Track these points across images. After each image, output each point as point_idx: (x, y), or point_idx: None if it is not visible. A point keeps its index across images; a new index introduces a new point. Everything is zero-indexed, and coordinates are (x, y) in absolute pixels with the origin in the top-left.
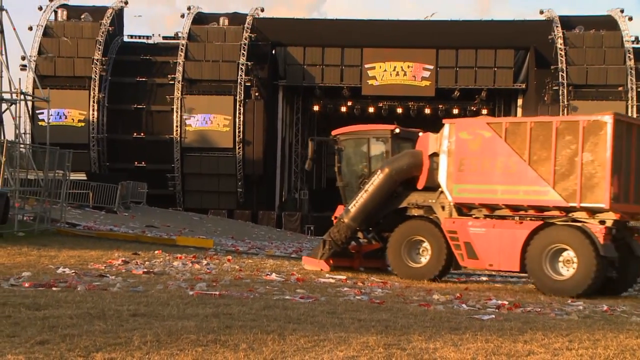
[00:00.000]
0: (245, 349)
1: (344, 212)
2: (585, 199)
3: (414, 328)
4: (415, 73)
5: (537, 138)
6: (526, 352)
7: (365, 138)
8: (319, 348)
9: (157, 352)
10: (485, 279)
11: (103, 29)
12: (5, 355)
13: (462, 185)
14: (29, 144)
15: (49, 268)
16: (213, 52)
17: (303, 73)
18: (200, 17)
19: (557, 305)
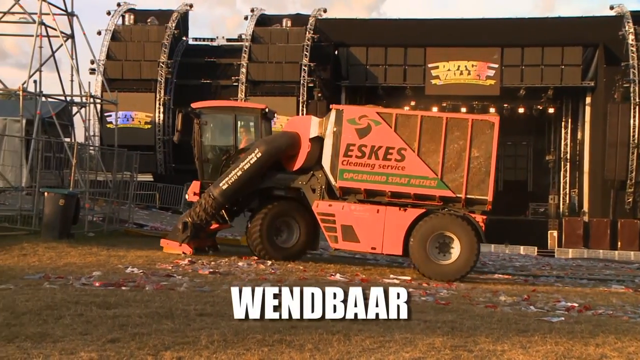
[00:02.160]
0: (311, 349)
1: (212, 189)
2: (472, 192)
3: (481, 330)
4: (479, 72)
5: (427, 131)
6: (598, 355)
7: (232, 115)
8: (384, 349)
9: (224, 351)
10: (553, 280)
11: (169, 32)
12: (79, 353)
13: (348, 170)
14: (98, 146)
15: (118, 268)
16: (276, 54)
17: (366, 73)
18: (264, 19)
19: (630, 308)
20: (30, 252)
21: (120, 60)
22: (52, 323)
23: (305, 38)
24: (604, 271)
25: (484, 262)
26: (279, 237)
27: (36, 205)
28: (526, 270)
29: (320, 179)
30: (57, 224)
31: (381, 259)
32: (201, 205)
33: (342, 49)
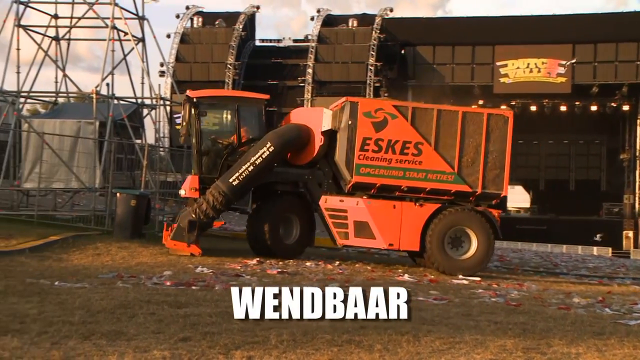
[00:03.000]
0: (380, 350)
1: (221, 185)
2: (488, 187)
3: (554, 332)
4: (550, 69)
5: (444, 125)
6: None
7: (234, 105)
8: (454, 350)
9: (294, 351)
10: (629, 282)
11: (236, 34)
12: (152, 351)
13: (364, 165)
14: (168, 147)
15: (188, 267)
16: (342, 54)
17: (433, 72)
18: (330, 19)
19: None
20: (104, 252)
21: (189, 63)
22: (125, 321)
23: (372, 38)
24: None
25: (556, 264)
26: (285, 232)
27: (109, 205)
28: (600, 272)
29: (327, 172)
30: (129, 224)
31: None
32: (208, 202)
33: (409, 48)
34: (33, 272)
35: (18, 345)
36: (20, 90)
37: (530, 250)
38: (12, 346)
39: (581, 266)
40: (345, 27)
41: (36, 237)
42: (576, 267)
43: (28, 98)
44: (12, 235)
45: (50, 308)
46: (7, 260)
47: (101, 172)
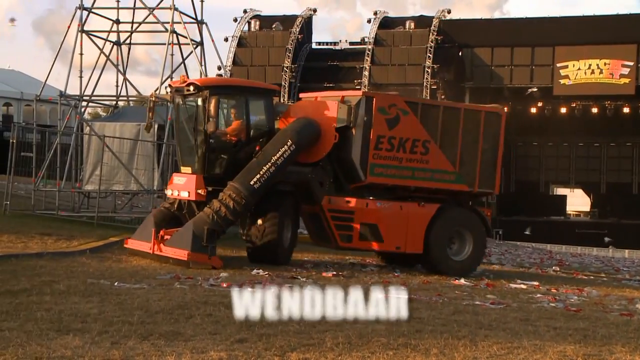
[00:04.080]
0: (436, 354)
1: (241, 188)
2: (483, 185)
3: (616, 338)
4: (612, 70)
5: (446, 123)
6: None
7: (243, 96)
8: (512, 355)
9: (349, 354)
10: None
11: (292, 37)
12: (209, 352)
13: (378, 164)
14: None
15: (244, 269)
16: (399, 56)
17: (491, 74)
18: (387, 22)
19: None
20: None
21: (245, 66)
22: (183, 322)
23: (429, 40)
24: None
25: (618, 268)
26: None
27: None
28: None
29: (329, 171)
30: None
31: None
32: (228, 207)
33: (467, 50)
34: (94, 272)
35: (79, 344)
36: (83, 94)
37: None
38: (74, 345)
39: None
40: (402, 29)
41: (96, 239)
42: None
43: (90, 102)
44: (73, 236)
45: (110, 308)
46: (68, 261)
47: (159, 175)
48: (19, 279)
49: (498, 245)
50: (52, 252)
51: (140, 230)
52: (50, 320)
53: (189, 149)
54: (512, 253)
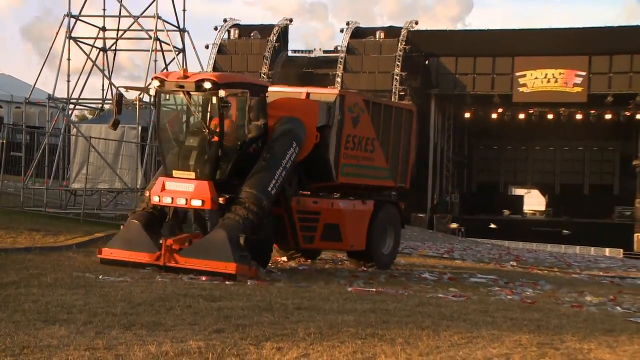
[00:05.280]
0: (402, 344)
1: (261, 195)
2: (401, 181)
3: (567, 329)
4: (567, 80)
5: (384, 121)
6: None
7: (247, 93)
8: (472, 345)
9: (321, 343)
10: (639, 282)
11: (270, 45)
12: (188, 342)
13: (347, 163)
14: None
15: None
16: (370, 64)
17: (455, 82)
18: (359, 32)
19: None
20: None
21: (225, 72)
22: (164, 313)
23: (398, 49)
24: None
25: (569, 264)
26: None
27: None
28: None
29: (296, 171)
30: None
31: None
32: (255, 214)
33: (433, 59)
34: (79, 266)
35: (65, 334)
36: (70, 98)
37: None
38: (60, 335)
39: (594, 266)
40: (373, 39)
41: (83, 234)
42: (589, 266)
43: (77, 105)
44: (60, 232)
45: (94, 300)
46: (56, 255)
47: (143, 174)
48: (8, 272)
49: (461, 242)
50: (40, 247)
51: (124, 239)
52: (38, 311)
53: (188, 152)
54: (473, 249)
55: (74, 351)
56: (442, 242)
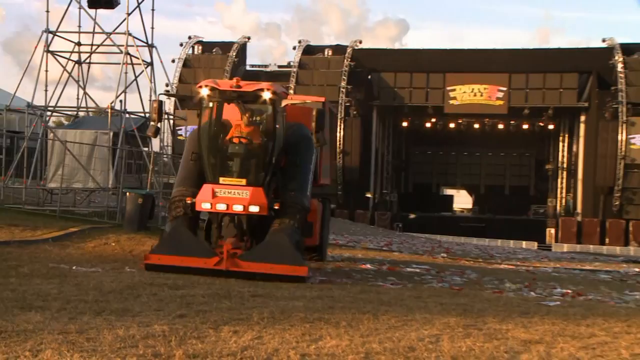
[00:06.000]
0: (345, 326)
1: (303, 200)
2: (324, 178)
3: (489, 311)
4: (490, 94)
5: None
6: (588, 334)
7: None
8: (407, 327)
9: (273, 326)
10: (550, 270)
11: (230, 60)
12: (153, 325)
13: (323, 165)
14: (171, 154)
15: None
16: (319, 78)
17: (394, 95)
18: (309, 49)
19: (616, 295)
20: (115, 241)
21: (189, 84)
22: (132, 300)
23: (344, 65)
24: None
25: (492, 255)
26: None
27: (119, 203)
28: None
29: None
30: (136, 218)
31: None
32: (302, 217)
33: (375, 74)
34: (55, 258)
35: (40, 320)
36: (47, 105)
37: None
38: (35, 320)
39: (512, 257)
40: (322, 55)
41: (58, 229)
42: (508, 257)
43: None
44: (37, 227)
45: (68, 288)
46: (32, 248)
47: (114, 175)
48: None
49: (398, 237)
50: (18, 240)
51: (173, 244)
52: (15, 299)
53: (238, 159)
54: (409, 242)
55: (48, 335)
56: (382, 236)
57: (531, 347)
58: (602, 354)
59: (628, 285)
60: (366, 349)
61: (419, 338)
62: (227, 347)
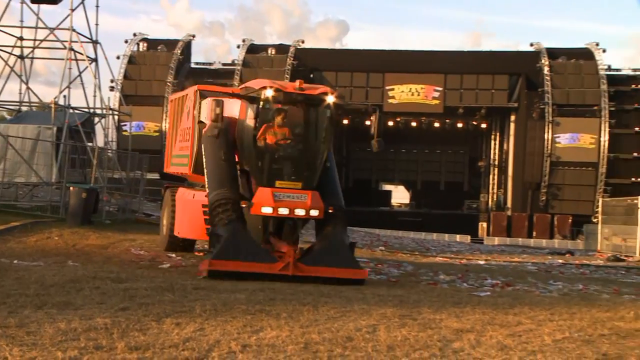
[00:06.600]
0: (285, 317)
1: (342, 201)
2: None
3: (424, 302)
4: (427, 93)
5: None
6: (516, 322)
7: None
8: (345, 317)
9: (215, 318)
10: (482, 262)
11: (175, 57)
12: (95, 318)
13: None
14: (115, 150)
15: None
16: (262, 76)
17: None
18: (253, 48)
19: (541, 285)
20: (58, 236)
21: (134, 80)
22: (74, 294)
23: (287, 64)
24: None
25: (428, 248)
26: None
27: (63, 197)
28: (461, 254)
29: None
30: (80, 213)
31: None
32: (346, 221)
33: (317, 73)
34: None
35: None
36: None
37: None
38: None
39: (447, 250)
40: (265, 54)
41: (0, 223)
42: (443, 250)
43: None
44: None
45: (8, 282)
46: None
47: (57, 169)
48: None
49: None
50: None
51: (235, 249)
52: None
53: (295, 162)
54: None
55: None
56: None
57: (463, 336)
58: (527, 340)
59: (552, 275)
60: (306, 339)
61: (356, 328)
62: (170, 338)
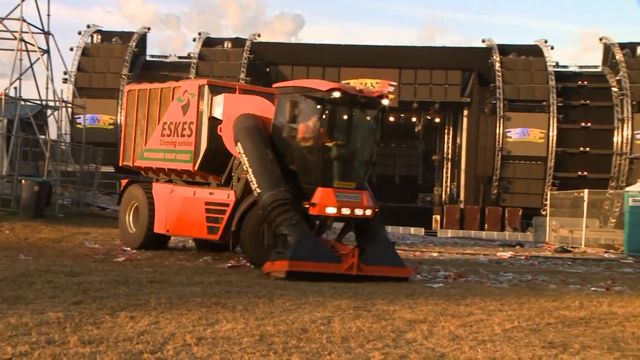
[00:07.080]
0: (241, 310)
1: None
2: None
3: (378, 294)
4: (382, 88)
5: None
6: (467, 313)
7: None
8: (300, 310)
9: (170, 311)
10: (435, 254)
11: (129, 50)
12: (47, 313)
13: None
14: (69, 143)
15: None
16: (219, 70)
17: None
18: (209, 41)
19: (492, 276)
20: (9, 229)
21: (88, 72)
22: (25, 288)
23: (243, 57)
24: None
25: None
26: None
27: (14, 190)
28: (415, 247)
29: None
30: (32, 206)
31: None
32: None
33: (273, 67)
34: None
35: None
36: None
37: None
38: None
39: (401, 242)
40: (222, 47)
41: None
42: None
43: None
44: None
45: None
46: None
47: (8, 162)
48: None
49: None
50: None
51: (307, 250)
52: None
53: (352, 163)
54: None
55: None
56: None
57: (416, 327)
58: (478, 330)
59: (502, 267)
60: (261, 331)
61: (311, 320)
62: (124, 332)
